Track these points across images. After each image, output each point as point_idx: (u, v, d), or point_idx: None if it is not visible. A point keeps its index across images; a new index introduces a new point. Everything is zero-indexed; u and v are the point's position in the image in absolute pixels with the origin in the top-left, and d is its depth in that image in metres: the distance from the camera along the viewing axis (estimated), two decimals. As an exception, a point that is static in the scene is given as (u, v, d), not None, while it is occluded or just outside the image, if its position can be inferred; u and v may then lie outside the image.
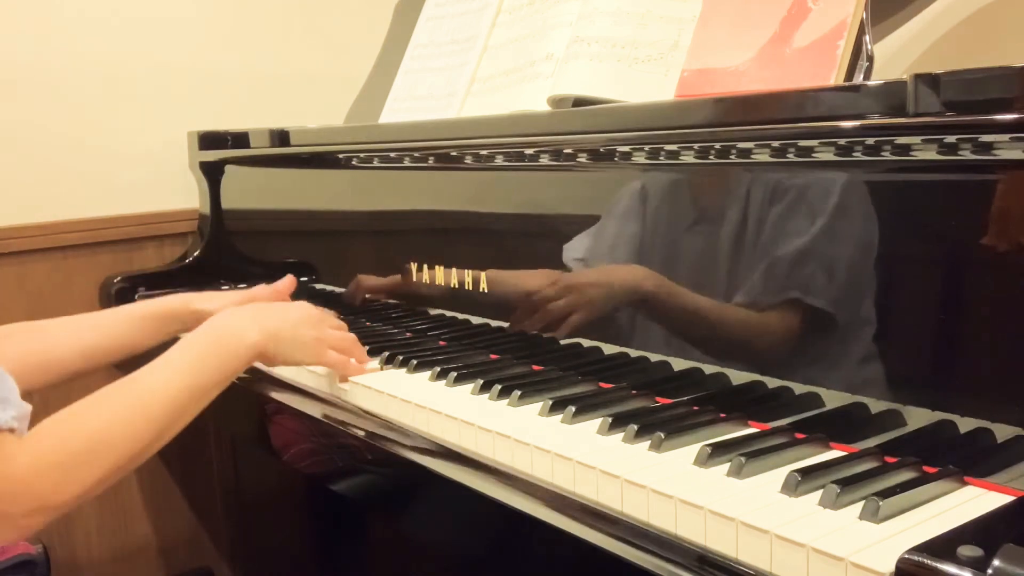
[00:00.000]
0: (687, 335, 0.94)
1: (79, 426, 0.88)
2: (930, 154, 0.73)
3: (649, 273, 0.96)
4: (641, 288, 0.98)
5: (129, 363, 1.35)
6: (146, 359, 0.99)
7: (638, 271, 0.98)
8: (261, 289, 1.37)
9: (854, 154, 0.78)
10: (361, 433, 1.02)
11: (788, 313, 0.84)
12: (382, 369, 1.14)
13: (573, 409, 0.90)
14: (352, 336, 1.14)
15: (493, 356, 1.14)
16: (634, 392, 0.95)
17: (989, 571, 0.53)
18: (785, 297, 0.84)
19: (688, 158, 0.92)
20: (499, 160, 1.15)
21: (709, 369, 0.92)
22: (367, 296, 1.42)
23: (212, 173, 1.77)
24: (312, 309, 1.14)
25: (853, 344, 0.79)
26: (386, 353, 1.16)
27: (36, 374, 1.16)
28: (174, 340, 1.05)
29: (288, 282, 1.36)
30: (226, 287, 1.74)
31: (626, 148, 0.98)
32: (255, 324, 1.05)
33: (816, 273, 0.82)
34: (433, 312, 1.27)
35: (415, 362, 1.11)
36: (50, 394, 1.11)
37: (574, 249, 1.05)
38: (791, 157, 0.83)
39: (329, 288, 1.53)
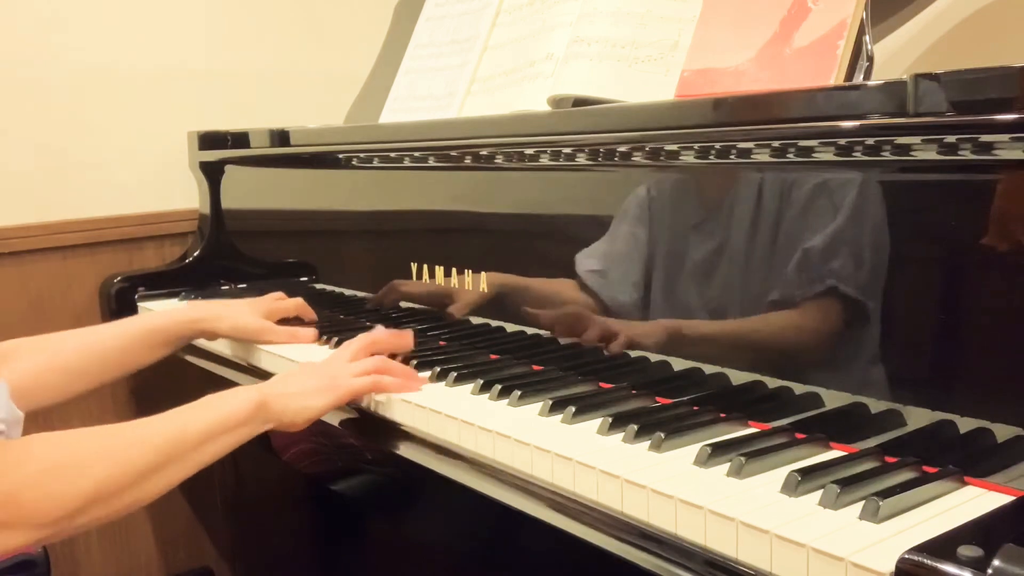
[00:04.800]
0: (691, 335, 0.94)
1: (69, 443, 0.87)
2: (930, 154, 0.73)
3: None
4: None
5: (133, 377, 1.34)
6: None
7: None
8: (271, 297, 1.38)
9: (854, 154, 0.78)
10: (360, 432, 1.02)
11: (788, 313, 0.84)
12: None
13: (573, 409, 0.90)
14: (380, 358, 1.06)
15: (493, 356, 1.14)
16: (634, 392, 0.95)
17: (989, 571, 0.53)
18: (783, 298, 0.84)
19: (688, 158, 0.92)
20: (499, 160, 1.14)
21: (709, 369, 0.92)
22: (368, 297, 1.42)
23: (212, 173, 1.77)
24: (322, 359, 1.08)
25: (853, 344, 0.79)
26: (386, 353, 1.16)
27: (52, 389, 1.15)
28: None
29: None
30: (225, 287, 1.74)
31: (626, 148, 0.98)
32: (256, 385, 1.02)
33: (815, 273, 0.82)
34: (433, 312, 1.27)
35: (415, 363, 1.11)
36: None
37: (588, 262, 1.04)
38: (791, 157, 0.83)
39: (329, 288, 1.53)
